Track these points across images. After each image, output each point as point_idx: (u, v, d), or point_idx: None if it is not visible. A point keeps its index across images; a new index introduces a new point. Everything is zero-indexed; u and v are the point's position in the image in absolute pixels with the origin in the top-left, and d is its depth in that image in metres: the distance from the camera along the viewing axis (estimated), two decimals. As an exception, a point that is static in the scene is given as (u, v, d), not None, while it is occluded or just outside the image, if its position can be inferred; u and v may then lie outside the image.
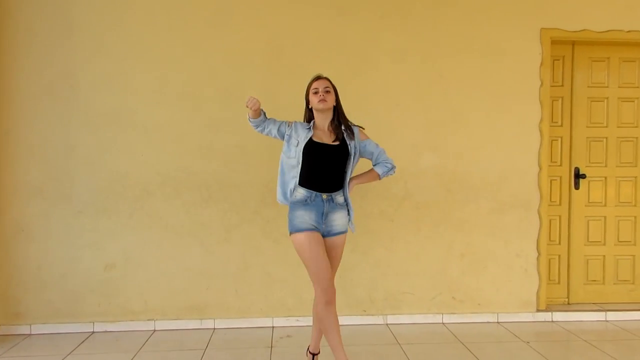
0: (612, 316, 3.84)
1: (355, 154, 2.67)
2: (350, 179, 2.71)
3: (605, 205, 4.02)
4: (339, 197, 2.66)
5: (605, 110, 4.01)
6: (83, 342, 3.41)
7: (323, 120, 2.69)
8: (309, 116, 2.76)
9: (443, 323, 3.77)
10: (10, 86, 3.55)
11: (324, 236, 2.61)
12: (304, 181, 2.60)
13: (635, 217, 4.03)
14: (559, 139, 4.00)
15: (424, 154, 3.78)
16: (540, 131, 3.80)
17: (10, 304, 3.57)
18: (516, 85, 3.80)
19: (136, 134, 3.62)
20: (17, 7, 3.55)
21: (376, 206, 3.75)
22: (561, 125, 3.99)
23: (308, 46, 3.71)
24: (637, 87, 4.00)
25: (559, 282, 4.02)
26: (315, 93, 2.65)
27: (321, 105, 2.62)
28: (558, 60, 3.98)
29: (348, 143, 2.65)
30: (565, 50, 3.97)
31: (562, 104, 4.00)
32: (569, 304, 4.01)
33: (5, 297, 3.56)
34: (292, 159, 2.64)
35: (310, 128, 2.66)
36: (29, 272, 3.57)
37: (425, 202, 3.78)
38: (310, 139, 2.61)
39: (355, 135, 2.71)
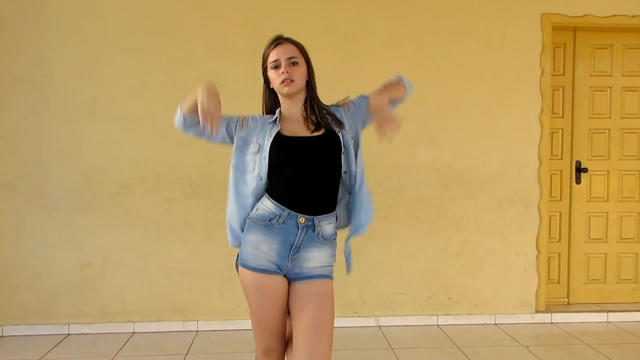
0: (614, 317, 3.68)
1: (349, 145, 1.80)
2: (380, 92, 1.84)
3: (607, 201, 3.85)
4: (326, 225, 1.77)
5: (608, 100, 3.82)
6: (57, 344, 3.24)
7: (293, 105, 1.81)
8: (271, 102, 1.89)
9: (438, 325, 3.60)
10: (-21, 75, 3.34)
11: (290, 279, 1.76)
12: (275, 191, 1.76)
13: (638, 213, 3.86)
14: (560, 131, 3.81)
15: (419, 148, 3.59)
16: (541, 123, 3.62)
17: (-19, 305, 3.38)
18: (516, 74, 3.61)
19: (114, 125, 3.42)
20: (-15, -10, 3.33)
21: (368, 202, 3.57)
22: (562, 117, 3.81)
23: (296, 32, 3.43)
24: (642, 76, 3.82)
25: (558, 282, 3.86)
26: (276, 67, 1.79)
27: (285, 90, 1.77)
28: (559, 47, 3.78)
29: (337, 131, 1.77)
30: (567, 37, 3.78)
31: (563, 94, 3.81)
32: (569, 304, 3.84)
33: (-25, 299, 3.38)
34: (251, 175, 1.79)
35: (275, 120, 1.79)
36: (0, 271, 3.38)
37: (420, 198, 3.60)
38: (278, 133, 1.76)
39: (343, 116, 1.86)
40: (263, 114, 1.91)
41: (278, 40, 1.83)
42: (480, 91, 3.60)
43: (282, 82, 1.75)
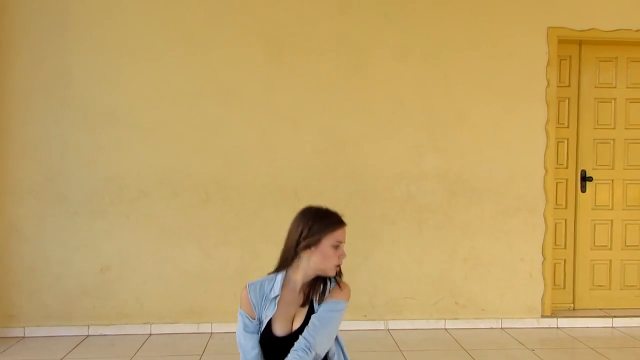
0: (618, 322, 3.75)
1: None
2: None
3: (612, 209, 3.93)
4: None
5: (612, 111, 3.92)
6: (77, 345, 3.34)
7: (306, 274, 1.79)
8: (287, 264, 1.82)
9: (445, 329, 3.69)
10: (4, 84, 3.47)
11: None
12: None
13: (643, 221, 3.94)
14: (565, 141, 3.91)
15: (427, 156, 3.70)
16: (547, 133, 3.72)
17: (4, 305, 3.49)
18: (522, 85, 3.72)
19: (133, 133, 3.55)
20: (11, 4, 3.47)
21: (377, 209, 3.67)
22: (567, 127, 3.91)
23: (309, 44, 3.62)
24: (646, 88, 3.91)
25: (564, 287, 3.94)
26: (337, 248, 1.78)
27: (334, 272, 1.79)
28: (565, 60, 3.89)
29: (315, 310, 1.76)
30: (572, 49, 3.88)
31: (568, 104, 3.91)
32: (574, 309, 3.92)
33: (-2, 299, 3.50)
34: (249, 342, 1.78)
35: (276, 298, 1.78)
36: (22, 273, 3.50)
37: (428, 205, 3.70)
38: (268, 326, 1.76)
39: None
40: (278, 265, 1.86)
41: (343, 223, 1.84)
42: (487, 101, 3.70)
43: (337, 264, 1.78)
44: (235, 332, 1.83)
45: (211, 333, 3.57)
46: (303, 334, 1.66)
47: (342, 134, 3.65)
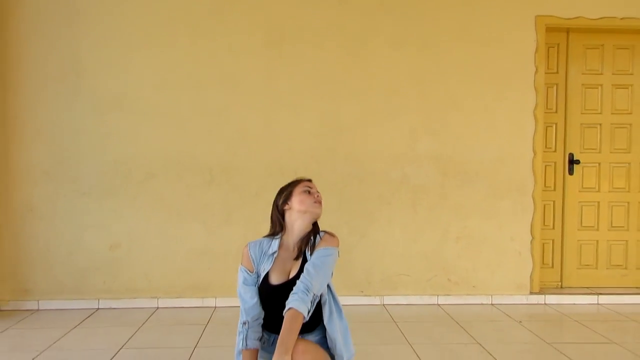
0: (604, 299, 3.92)
1: None
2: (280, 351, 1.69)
3: (598, 191, 4.10)
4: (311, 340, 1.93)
5: (599, 97, 4.08)
6: (88, 317, 3.53)
7: (298, 233, 2.01)
8: (276, 226, 2.06)
9: (438, 304, 3.86)
10: (18, 73, 3.66)
11: None
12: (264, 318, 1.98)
13: (628, 202, 4.10)
14: (554, 125, 4.08)
15: (421, 139, 3.87)
16: (535, 117, 3.88)
17: (19, 280, 3.69)
18: (511, 72, 3.88)
19: (140, 118, 3.73)
20: (25, -6, 3.66)
21: (374, 190, 3.85)
22: (556, 112, 4.07)
23: (309, 34, 3.80)
24: (631, 74, 4.07)
25: (552, 266, 4.11)
26: (308, 193, 2.02)
27: (318, 209, 2.00)
28: (553, 47, 4.05)
29: (308, 259, 1.94)
30: (560, 37, 4.04)
31: (556, 90, 4.08)
32: (562, 287, 4.10)
33: (14, 274, 3.69)
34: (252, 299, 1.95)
35: (274, 254, 1.98)
36: (37, 250, 3.69)
37: (422, 187, 3.87)
38: (265, 278, 1.95)
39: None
40: (271, 229, 2.09)
41: (306, 178, 2.12)
42: (479, 87, 3.87)
43: (316, 201, 2.00)
44: (237, 307, 1.98)
45: (215, 307, 3.76)
46: (300, 279, 1.84)
47: (340, 119, 3.82)
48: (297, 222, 2.01)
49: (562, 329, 3.41)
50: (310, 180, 2.12)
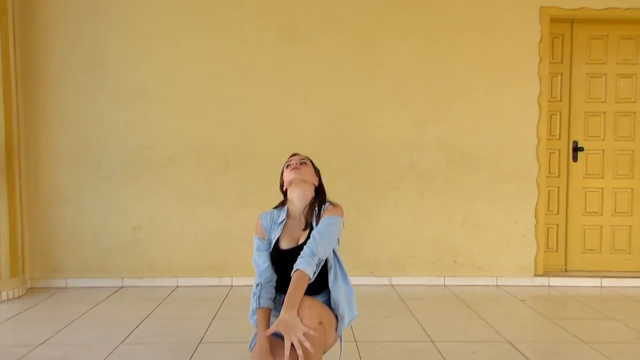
0: (607, 282, 4.03)
1: None
2: (287, 307, 1.84)
3: (602, 178, 4.21)
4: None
5: (603, 86, 4.19)
6: (113, 294, 3.76)
7: (299, 203, 2.15)
8: (283, 202, 2.25)
9: (445, 285, 4.01)
10: (46, 64, 3.89)
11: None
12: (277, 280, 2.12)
13: (632, 189, 4.21)
14: (558, 114, 4.20)
15: (428, 127, 4.02)
16: (539, 105, 4.01)
17: (49, 260, 3.93)
18: (516, 61, 4.01)
19: (160, 107, 3.94)
20: (54, -9, 3.89)
21: (383, 175, 4.01)
22: (560, 101, 4.19)
23: (320, 25, 3.97)
24: (635, 64, 4.17)
25: (557, 250, 4.23)
26: (288, 166, 2.16)
27: (293, 175, 2.11)
28: (558, 38, 4.17)
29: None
30: (565, 28, 4.16)
31: (561, 80, 4.19)
32: (566, 271, 4.21)
33: (44, 254, 3.92)
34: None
35: (283, 222, 2.13)
36: (64, 232, 3.93)
37: (429, 172, 4.03)
38: (276, 244, 2.10)
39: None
40: (280, 202, 2.27)
41: (293, 153, 2.24)
42: (484, 76, 4.00)
43: (292, 169, 2.11)
44: (251, 285, 2.15)
45: (231, 286, 3.96)
46: (306, 244, 2.01)
47: (350, 107, 3.99)
48: (294, 195, 2.16)
49: (564, 307, 3.54)
50: (296, 154, 2.24)
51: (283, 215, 2.17)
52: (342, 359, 2.17)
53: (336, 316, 2.09)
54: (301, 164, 2.16)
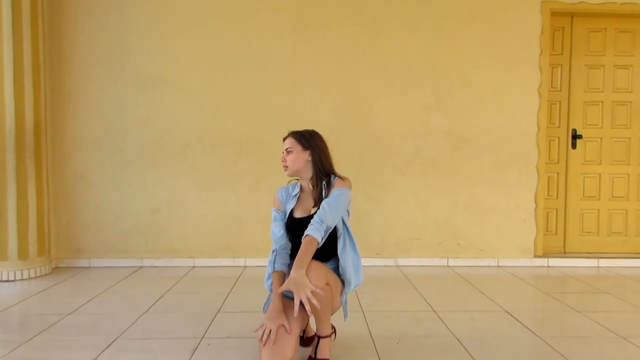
0: (604, 263, 4.22)
1: None
2: (297, 268, 2.03)
3: (600, 164, 4.39)
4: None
5: (601, 76, 4.37)
6: (133, 273, 3.97)
7: (303, 181, 2.36)
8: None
9: (448, 266, 4.21)
10: (72, 54, 4.10)
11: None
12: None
13: (628, 174, 4.38)
14: (558, 103, 4.38)
15: (433, 115, 4.21)
16: (540, 95, 4.19)
17: (72, 241, 4.15)
18: (518, 53, 4.19)
19: (179, 95, 4.15)
20: (78, -15, 4.11)
21: (389, 161, 4.20)
22: (560, 90, 4.37)
23: (330, 16, 4.17)
24: (632, 56, 4.35)
25: (556, 233, 4.42)
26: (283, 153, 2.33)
27: (284, 172, 2.32)
28: (558, 31, 4.35)
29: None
30: (565, 21, 4.34)
31: (561, 71, 4.37)
32: (565, 252, 4.40)
33: (68, 236, 4.15)
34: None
35: (297, 195, 2.34)
36: (88, 214, 4.15)
37: (433, 158, 4.22)
38: (290, 214, 2.32)
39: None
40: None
41: (284, 137, 2.38)
42: (487, 67, 4.19)
43: (283, 165, 2.32)
44: (263, 266, 2.34)
45: (244, 266, 4.17)
46: (316, 213, 2.20)
47: (358, 96, 4.19)
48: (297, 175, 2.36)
49: (561, 284, 3.72)
50: (286, 137, 2.35)
51: (297, 189, 2.37)
52: (348, 322, 2.37)
53: (343, 282, 2.29)
54: (288, 153, 2.29)
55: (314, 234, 2.10)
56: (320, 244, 2.14)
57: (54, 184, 4.11)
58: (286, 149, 2.30)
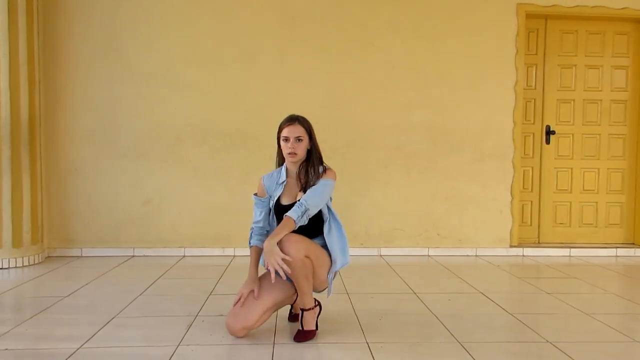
0: (575, 252, 4.47)
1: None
2: (272, 237, 2.19)
3: (572, 159, 4.64)
4: None
5: (573, 76, 4.62)
6: (125, 261, 4.09)
7: (293, 166, 2.42)
8: (281, 158, 2.48)
9: (429, 255, 4.41)
10: (68, 48, 4.21)
11: None
12: None
13: (598, 169, 4.64)
14: (533, 101, 4.61)
15: (415, 111, 4.41)
16: (515, 92, 4.42)
17: (65, 231, 4.26)
18: (495, 53, 4.41)
19: (171, 90, 4.28)
20: (72, -18, 4.22)
21: (373, 155, 4.39)
22: (535, 89, 4.61)
23: (318, 16, 4.34)
24: (602, 56, 4.60)
25: (530, 225, 4.65)
26: (286, 141, 2.35)
27: (290, 160, 2.37)
28: (533, 32, 4.59)
29: None
30: (539, 23, 4.58)
31: (536, 70, 4.61)
32: (539, 243, 4.63)
33: (61, 226, 4.26)
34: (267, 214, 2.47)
35: (283, 183, 2.43)
36: (80, 204, 4.26)
37: (415, 152, 4.41)
38: (278, 200, 2.42)
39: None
40: (276, 162, 2.55)
41: (290, 122, 2.36)
42: (466, 66, 4.40)
43: (289, 154, 2.32)
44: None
45: (234, 256, 4.31)
46: (300, 199, 2.32)
47: (344, 92, 4.37)
48: (288, 163, 2.42)
49: (534, 270, 3.95)
50: (292, 123, 2.35)
51: (283, 177, 2.47)
52: (334, 301, 2.54)
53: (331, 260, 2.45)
54: (299, 141, 2.32)
55: (292, 214, 2.23)
56: (298, 224, 2.24)
57: (47, 176, 4.21)
58: (297, 137, 2.31)
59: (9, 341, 2.30)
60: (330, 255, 2.41)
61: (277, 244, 2.17)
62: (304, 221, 2.27)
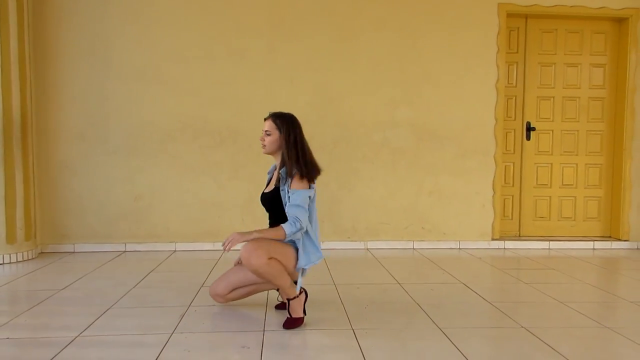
0: (554, 245, 4.63)
1: (286, 199, 2.47)
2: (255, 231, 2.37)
3: (552, 154, 4.80)
4: None
5: (553, 73, 4.77)
6: (117, 256, 4.18)
7: (274, 159, 2.63)
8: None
9: (414, 248, 4.55)
10: (57, 47, 4.27)
11: None
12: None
13: (576, 164, 4.81)
14: (514, 98, 4.76)
15: (400, 108, 4.53)
16: (497, 90, 4.56)
17: (58, 227, 4.33)
18: (477, 51, 4.55)
19: (161, 87, 4.36)
20: (62, -19, 4.27)
21: (359, 151, 4.51)
22: (515, 86, 4.76)
23: (305, 15, 4.44)
24: (580, 55, 4.76)
25: (512, 218, 4.81)
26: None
27: (262, 150, 2.57)
28: (514, 31, 4.73)
29: (281, 187, 2.49)
30: (520, 22, 4.72)
31: (516, 68, 4.76)
32: (520, 236, 4.79)
33: (53, 222, 4.32)
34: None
35: (271, 172, 2.74)
36: (72, 201, 4.33)
37: (400, 148, 4.54)
38: (264, 190, 2.69)
39: (287, 183, 2.46)
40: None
41: (266, 117, 2.59)
42: (449, 64, 4.54)
43: (262, 145, 2.55)
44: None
45: (224, 250, 4.40)
46: (292, 218, 2.37)
47: (331, 90, 4.48)
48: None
49: (515, 262, 4.10)
50: (266, 118, 2.58)
51: (271, 169, 2.72)
52: (321, 292, 2.69)
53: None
54: (267, 135, 2.51)
55: (286, 228, 2.35)
56: (288, 238, 2.40)
57: (39, 173, 4.27)
58: (266, 131, 2.52)
59: (9, 331, 2.39)
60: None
61: (245, 243, 2.35)
62: (297, 237, 2.46)
